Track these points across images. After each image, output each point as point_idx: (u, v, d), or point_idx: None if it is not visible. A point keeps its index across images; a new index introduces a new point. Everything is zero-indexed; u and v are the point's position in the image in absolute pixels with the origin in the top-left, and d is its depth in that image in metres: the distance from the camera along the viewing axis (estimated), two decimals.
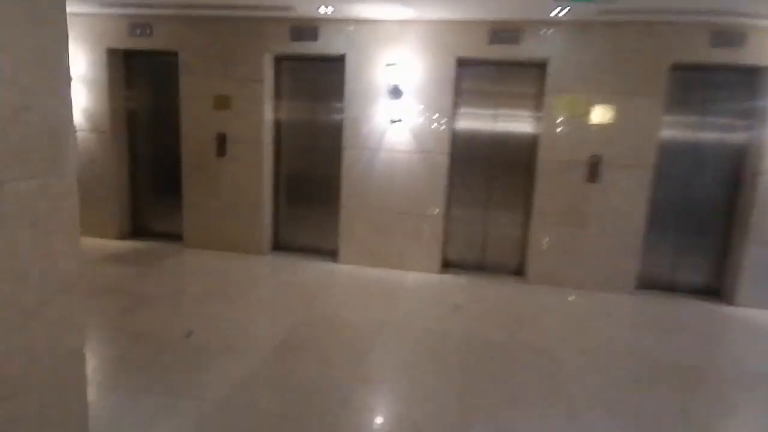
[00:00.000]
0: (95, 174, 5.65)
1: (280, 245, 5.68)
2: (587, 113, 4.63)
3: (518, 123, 5.01)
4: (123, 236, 5.81)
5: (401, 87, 4.76)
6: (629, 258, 4.78)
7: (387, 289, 4.52)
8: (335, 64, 5.06)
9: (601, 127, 4.63)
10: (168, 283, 4.40)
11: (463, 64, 4.84)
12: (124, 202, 5.88)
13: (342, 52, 4.92)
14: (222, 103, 5.23)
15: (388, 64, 4.75)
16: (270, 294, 4.30)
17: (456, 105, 4.94)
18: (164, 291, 4.19)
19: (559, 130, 4.69)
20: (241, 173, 5.33)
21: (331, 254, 5.41)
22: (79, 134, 5.60)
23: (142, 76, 5.74)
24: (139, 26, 5.27)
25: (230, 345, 3.24)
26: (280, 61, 5.34)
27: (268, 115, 5.29)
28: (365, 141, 5.01)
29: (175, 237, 5.70)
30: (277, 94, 5.41)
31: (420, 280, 4.86)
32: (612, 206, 4.71)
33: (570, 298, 4.58)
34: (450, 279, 4.93)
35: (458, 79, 4.86)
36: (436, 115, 4.84)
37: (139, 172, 5.94)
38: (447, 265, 5.22)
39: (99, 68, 5.45)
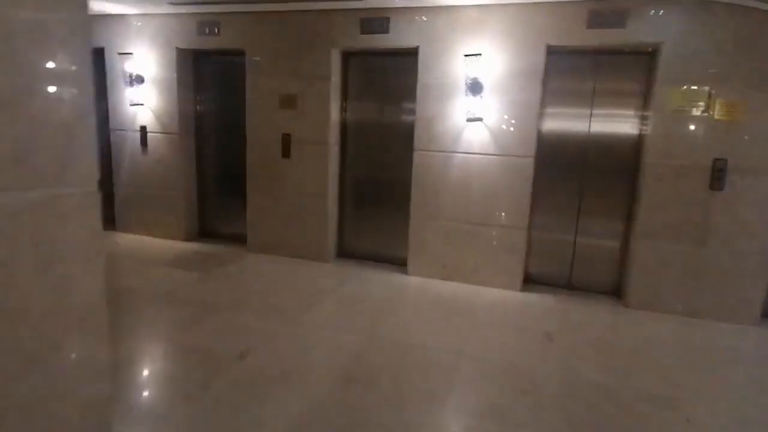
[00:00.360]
0: (163, 175, 5.61)
1: (345, 252, 5.33)
2: (708, 109, 3.85)
3: (619, 121, 4.30)
4: (189, 238, 5.73)
5: (481, 81, 4.23)
6: (756, 282, 3.93)
7: (463, 309, 4.00)
8: (407, 58, 4.62)
9: (727, 126, 3.83)
10: (227, 292, 4.16)
11: (553, 53, 4.22)
12: (191, 204, 5.80)
13: (415, 44, 4.47)
14: (287, 102, 4.96)
15: (466, 55, 4.23)
16: (333, 309, 3.92)
17: (544, 101, 4.32)
18: (223, 301, 3.95)
19: (672, 129, 3.94)
20: (306, 176, 5.03)
21: (400, 264, 4.98)
22: (150, 135, 5.58)
23: (210, 76, 5.64)
24: (208, 25, 5.14)
25: (288, 371, 2.87)
26: (347, 56, 4.99)
27: (335, 114, 4.95)
28: (439, 142, 4.52)
29: (239, 239, 5.55)
30: (345, 93, 5.06)
31: (499, 298, 4.29)
32: (739, 220, 3.88)
33: (682, 328, 3.83)
34: (534, 299, 4.32)
35: (547, 71, 4.25)
36: (521, 112, 4.25)
37: (206, 174, 5.85)
38: (528, 281, 4.62)
39: (169, 69, 5.38)
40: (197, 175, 5.81)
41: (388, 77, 4.93)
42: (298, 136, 4.99)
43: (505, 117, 4.29)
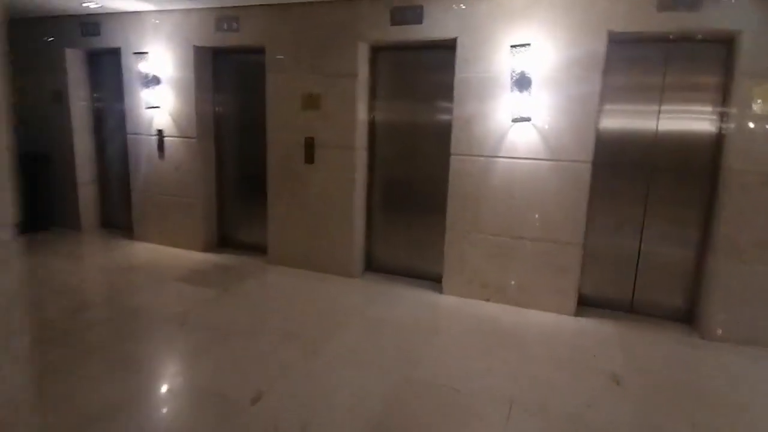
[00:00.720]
0: (181, 182, 5.28)
1: (373, 266, 4.87)
2: None
3: (693, 118, 3.69)
4: (208, 248, 5.38)
5: (529, 75, 3.69)
6: None
7: (509, 338, 3.48)
8: (443, 51, 4.12)
9: None
10: (244, 314, 3.76)
11: (616, 40, 3.65)
12: (210, 212, 5.45)
13: (452, 35, 3.97)
14: (310, 102, 4.53)
15: (512, 46, 3.70)
16: (360, 339, 3.44)
17: (604, 96, 3.75)
18: (238, 325, 3.54)
19: (756, 130, 3.32)
20: (331, 183, 4.59)
21: (434, 280, 4.49)
22: (167, 140, 5.25)
23: (229, 76, 5.26)
24: (226, 20, 4.77)
25: (308, 421, 2.43)
26: (376, 51, 4.52)
27: (362, 115, 4.49)
28: (479, 145, 4.00)
29: (260, 250, 5.17)
30: (373, 91, 4.60)
31: (550, 325, 3.74)
32: None
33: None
34: (591, 326, 3.75)
35: (609, 62, 3.67)
36: (577, 110, 3.69)
37: (226, 180, 5.49)
38: (582, 303, 4.05)
39: (186, 68, 5.04)
40: (216, 182, 5.46)
41: (422, 73, 4.43)
42: (322, 140, 4.55)
43: (558, 116, 3.74)
